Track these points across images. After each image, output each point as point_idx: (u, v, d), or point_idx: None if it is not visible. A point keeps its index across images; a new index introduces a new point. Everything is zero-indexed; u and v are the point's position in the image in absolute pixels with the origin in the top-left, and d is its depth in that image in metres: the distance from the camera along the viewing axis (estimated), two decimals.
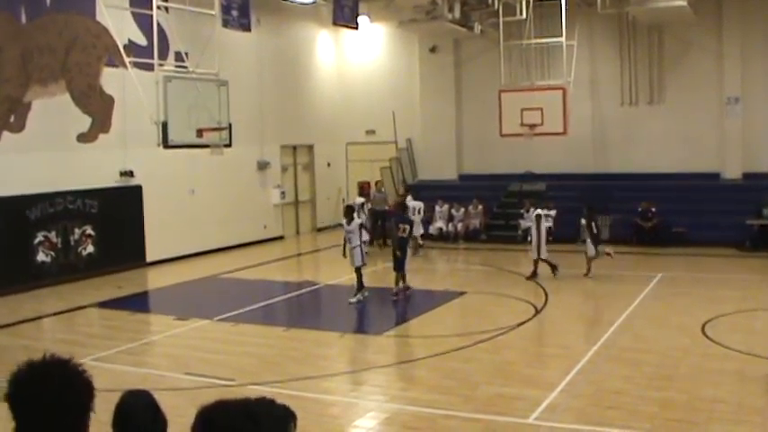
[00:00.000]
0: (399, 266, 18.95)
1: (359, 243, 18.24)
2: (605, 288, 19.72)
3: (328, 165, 33.09)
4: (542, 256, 20.55)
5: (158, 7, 18.99)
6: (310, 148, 32.34)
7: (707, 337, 14.42)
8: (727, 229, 24.67)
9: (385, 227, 27.23)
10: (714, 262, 22.81)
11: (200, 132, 19.32)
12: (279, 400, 3.09)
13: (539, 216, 20.66)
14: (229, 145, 20.69)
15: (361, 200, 24.74)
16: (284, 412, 2.98)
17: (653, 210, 25.52)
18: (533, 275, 20.48)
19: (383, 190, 29.25)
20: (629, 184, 27.88)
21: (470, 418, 10.60)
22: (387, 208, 27.60)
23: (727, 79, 27.86)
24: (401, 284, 18.92)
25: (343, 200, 32.95)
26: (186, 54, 20.23)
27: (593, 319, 16.34)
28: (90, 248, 22.21)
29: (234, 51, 25.81)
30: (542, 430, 10.19)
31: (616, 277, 20.95)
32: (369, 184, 30.89)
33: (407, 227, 19.75)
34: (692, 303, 17.32)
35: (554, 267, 20.60)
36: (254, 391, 11.56)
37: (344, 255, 18.83)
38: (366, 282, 18.34)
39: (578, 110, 27.39)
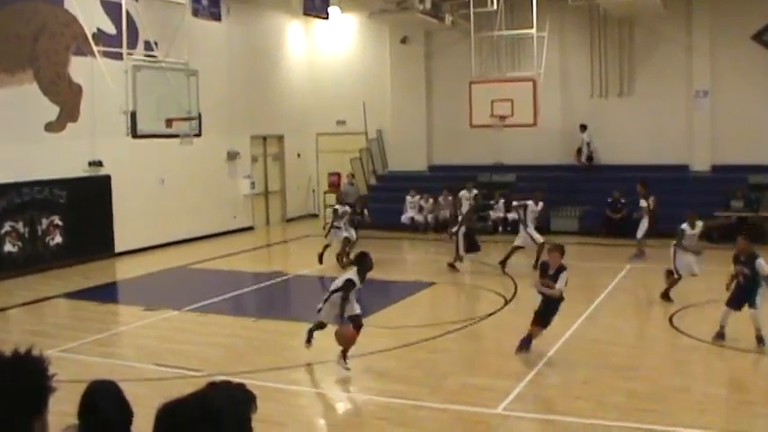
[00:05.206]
0: None
1: None
2: (574, 279, 19.62)
3: (298, 155, 33.02)
4: None
5: None
6: (280, 138, 32.26)
7: (674, 327, 14.55)
8: None
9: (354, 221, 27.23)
10: None
11: (169, 122, 19.27)
12: (235, 381, 3.01)
13: None
14: (199, 135, 20.65)
15: (344, 209, 22.39)
16: (243, 396, 2.94)
17: (622, 201, 25.63)
18: None
19: (355, 183, 29.25)
20: (598, 176, 28.06)
21: (439, 408, 10.64)
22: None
23: (696, 72, 28.05)
24: None
25: (313, 190, 32.99)
26: (156, 43, 20.15)
27: (562, 310, 16.37)
28: (58, 239, 22.05)
29: (204, 41, 25.72)
30: (511, 420, 10.24)
31: (585, 269, 21.07)
32: (339, 175, 30.95)
33: None
34: (659, 294, 17.42)
35: None
36: None
37: None
38: (335, 273, 18.24)
39: (548, 101, 27.48)
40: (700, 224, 17.14)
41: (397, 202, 28.58)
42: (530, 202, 21.07)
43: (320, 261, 21.58)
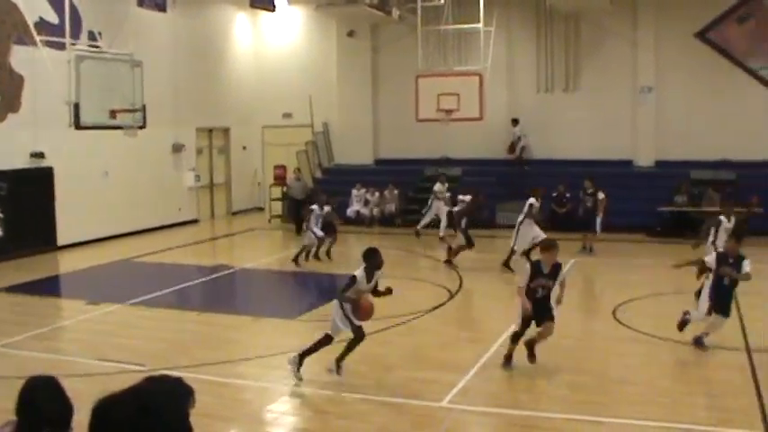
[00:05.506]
0: None
1: None
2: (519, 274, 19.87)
3: (244, 148, 32.85)
4: None
5: None
6: (226, 130, 32.07)
7: (617, 320, 14.67)
8: (639, 216, 25.15)
9: (302, 216, 27.04)
10: (626, 247, 23.23)
11: (113, 113, 18.99)
12: (173, 375, 2.93)
13: None
14: (143, 127, 20.39)
15: (321, 210, 21.42)
16: (181, 390, 2.87)
17: (567, 195, 25.79)
18: None
19: (301, 178, 29.10)
20: (544, 170, 28.23)
21: (384, 401, 10.63)
22: (305, 197, 27.18)
23: (640, 68, 28.37)
24: None
25: (259, 183, 32.84)
26: (100, 33, 19.90)
27: (506, 303, 16.46)
28: None
29: (149, 32, 25.45)
30: (455, 413, 10.25)
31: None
32: (285, 168, 30.78)
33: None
34: (603, 288, 17.59)
35: None
36: None
37: None
38: (280, 267, 18.18)
39: (495, 96, 27.65)
40: (733, 218, 16.51)
41: (343, 196, 28.53)
42: (531, 200, 20.29)
43: (302, 259, 20.99)
